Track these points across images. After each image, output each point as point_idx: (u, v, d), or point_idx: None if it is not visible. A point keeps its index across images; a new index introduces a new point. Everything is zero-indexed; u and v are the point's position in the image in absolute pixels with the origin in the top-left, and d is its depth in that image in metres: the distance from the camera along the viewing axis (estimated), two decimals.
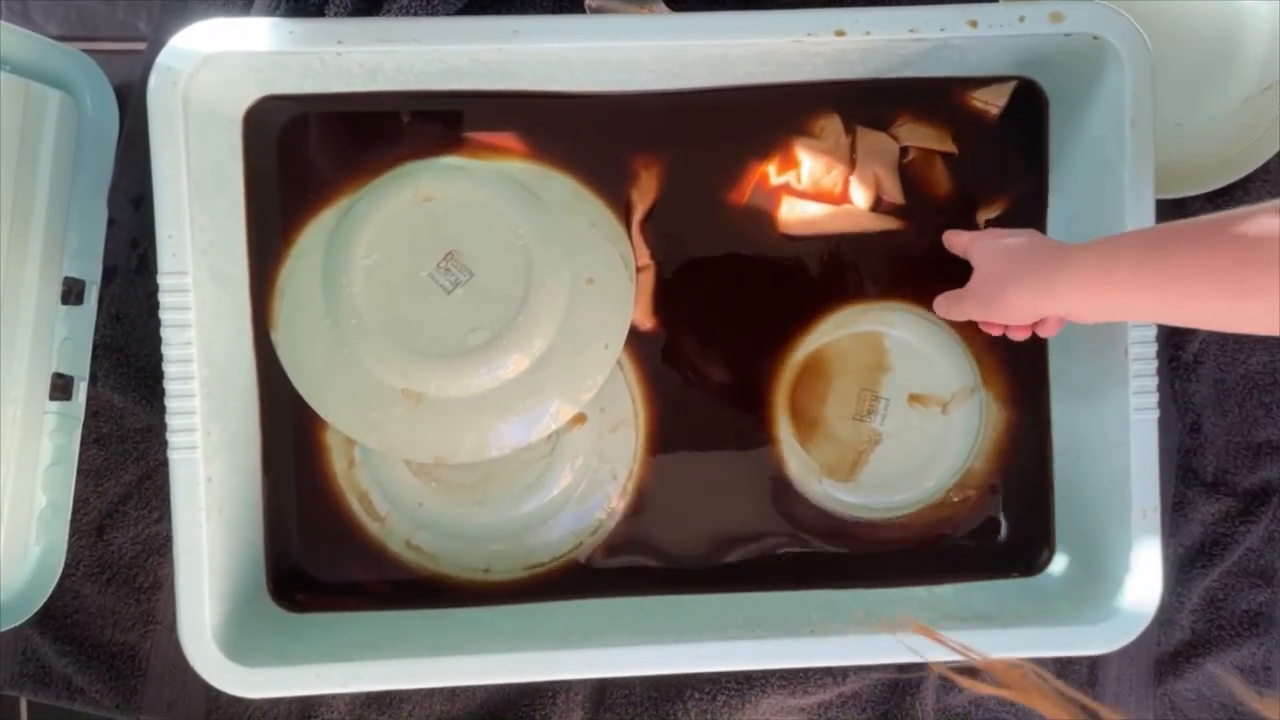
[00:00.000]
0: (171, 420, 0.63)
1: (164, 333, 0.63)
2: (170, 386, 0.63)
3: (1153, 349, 0.65)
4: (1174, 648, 0.77)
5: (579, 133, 0.70)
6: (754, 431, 0.72)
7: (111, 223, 0.74)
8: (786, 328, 0.72)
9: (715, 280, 0.71)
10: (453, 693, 0.74)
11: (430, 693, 0.74)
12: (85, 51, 0.73)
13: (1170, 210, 0.75)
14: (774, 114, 0.71)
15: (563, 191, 0.69)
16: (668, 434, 0.71)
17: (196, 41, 0.62)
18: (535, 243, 0.67)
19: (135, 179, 0.73)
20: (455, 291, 0.66)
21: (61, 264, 0.71)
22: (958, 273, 0.68)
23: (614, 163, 0.70)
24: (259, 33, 0.63)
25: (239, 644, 0.64)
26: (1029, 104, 0.71)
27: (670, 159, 0.71)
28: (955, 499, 0.73)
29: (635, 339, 0.71)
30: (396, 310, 0.66)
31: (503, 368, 0.66)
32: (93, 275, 0.73)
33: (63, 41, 0.73)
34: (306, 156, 0.69)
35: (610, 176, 0.70)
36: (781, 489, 0.72)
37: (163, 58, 0.62)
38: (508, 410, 0.67)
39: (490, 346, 0.66)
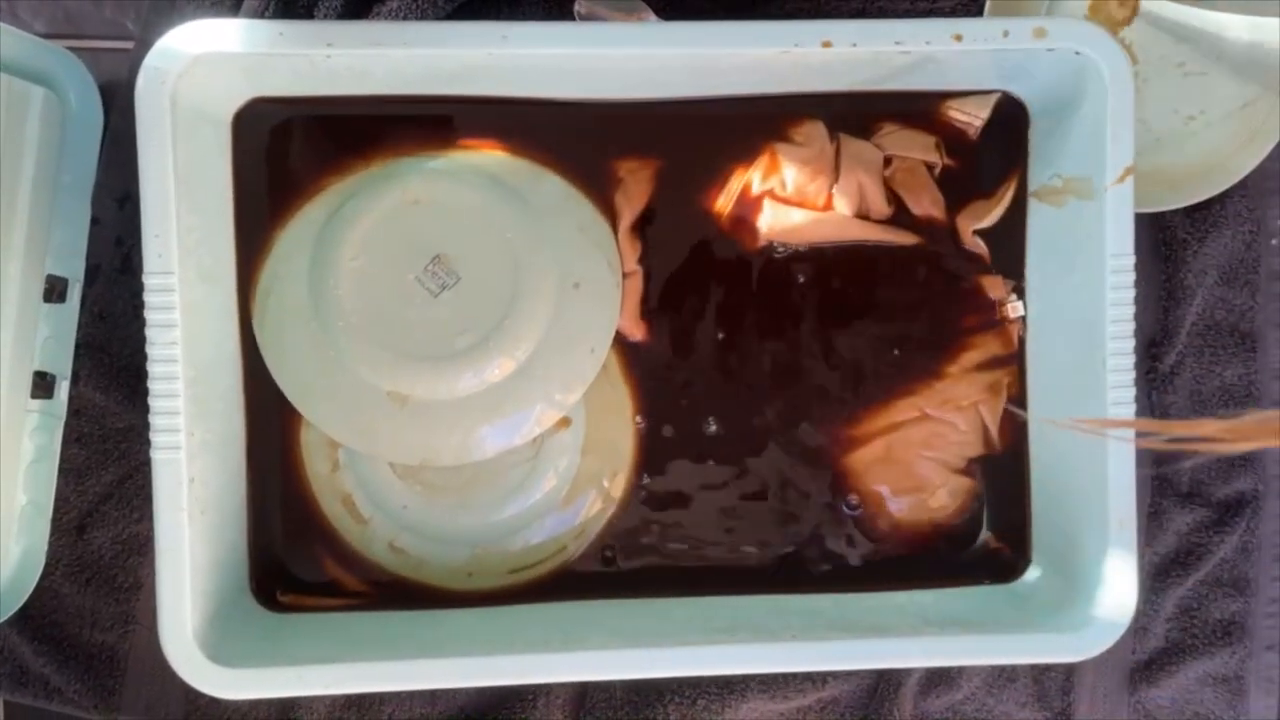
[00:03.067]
0: (155, 420, 0.63)
1: (149, 332, 0.63)
2: (154, 386, 0.63)
3: (1131, 360, 0.66)
4: (1148, 656, 0.78)
5: (567, 138, 0.70)
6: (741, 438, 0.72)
7: (95, 221, 0.73)
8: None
9: (699, 285, 0.72)
10: (433, 695, 0.74)
11: (410, 695, 0.74)
12: (71, 49, 0.72)
13: (1148, 224, 0.76)
14: (759, 122, 0.71)
15: (551, 195, 0.70)
16: (651, 439, 0.72)
17: (185, 42, 0.62)
18: (523, 246, 0.67)
19: (120, 178, 0.73)
20: (442, 294, 0.66)
21: (44, 262, 0.71)
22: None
23: (601, 169, 0.71)
24: (249, 34, 0.62)
25: (220, 645, 0.64)
26: (1012, 117, 0.71)
27: (656, 166, 0.71)
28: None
29: (620, 344, 0.71)
30: (383, 313, 0.66)
31: (489, 371, 0.66)
32: (76, 273, 0.73)
33: (49, 39, 0.72)
34: (295, 158, 0.69)
35: (597, 182, 0.71)
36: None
37: (151, 58, 0.62)
38: (493, 413, 0.67)
39: (477, 349, 0.66)
